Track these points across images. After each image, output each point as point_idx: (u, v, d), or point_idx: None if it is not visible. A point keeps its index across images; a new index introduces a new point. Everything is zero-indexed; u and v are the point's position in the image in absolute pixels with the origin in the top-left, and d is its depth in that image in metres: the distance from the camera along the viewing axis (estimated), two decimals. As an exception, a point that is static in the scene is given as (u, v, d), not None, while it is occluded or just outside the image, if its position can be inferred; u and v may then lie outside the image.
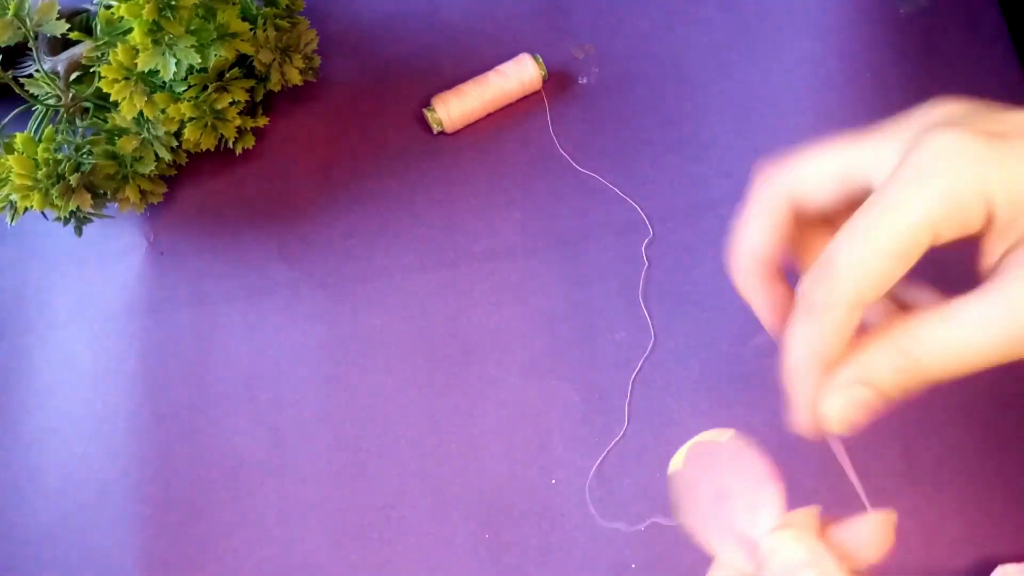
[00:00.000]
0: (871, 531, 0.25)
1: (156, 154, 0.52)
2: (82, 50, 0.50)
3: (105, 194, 0.52)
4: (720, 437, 0.27)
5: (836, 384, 0.25)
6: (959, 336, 0.23)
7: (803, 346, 0.25)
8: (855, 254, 0.23)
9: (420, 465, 0.51)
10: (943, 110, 0.25)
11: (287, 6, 0.55)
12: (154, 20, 0.45)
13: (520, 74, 0.56)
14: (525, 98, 0.58)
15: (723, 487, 0.26)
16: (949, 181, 0.22)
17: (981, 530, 0.45)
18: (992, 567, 0.44)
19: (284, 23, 0.54)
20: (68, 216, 0.51)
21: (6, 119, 0.51)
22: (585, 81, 0.58)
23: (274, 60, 0.54)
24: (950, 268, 0.26)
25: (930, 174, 0.23)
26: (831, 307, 0.24)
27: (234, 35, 0.49)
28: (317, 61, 0.58)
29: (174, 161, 0.56)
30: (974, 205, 0.23)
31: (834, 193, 0.27)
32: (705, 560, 0.28)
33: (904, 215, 0.23)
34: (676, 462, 0.27)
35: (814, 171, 0.27)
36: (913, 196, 0.23)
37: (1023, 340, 0.23)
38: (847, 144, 0.26)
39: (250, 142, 0.57)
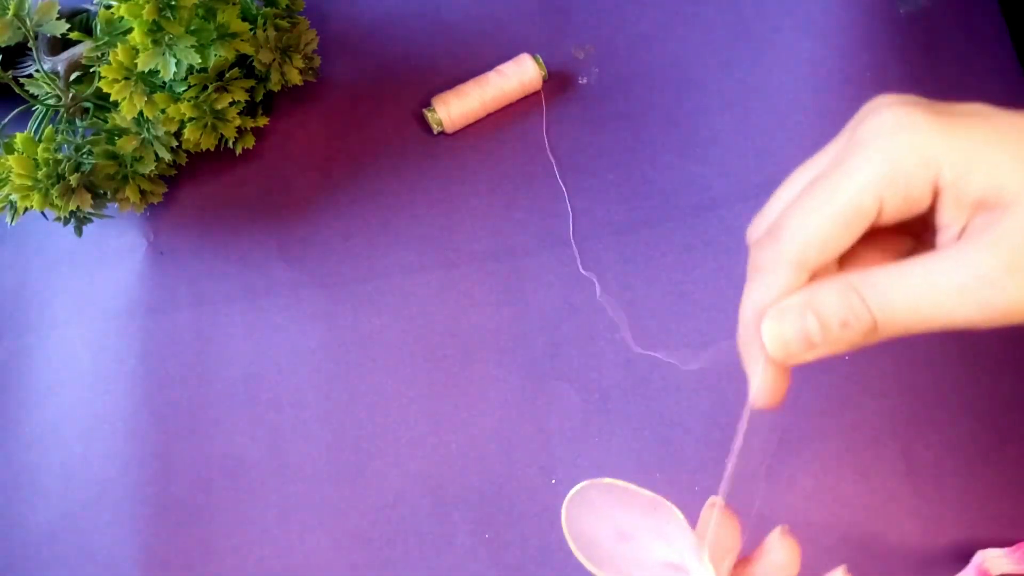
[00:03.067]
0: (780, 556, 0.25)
1: (156, 154, 0.52)
2: (82, 50, 0.50)
3: (105, 194, 0.52)
4: (583, 488, 0.27)
5: (781, 307, 0.24)
6: (914, 290, 0.23)
7: (750, 308, 0.25)
8: (799, 217, 0.24)
9: (420, 465, 0.51)
10: (890, 99, 0.25)
11: (287, 6, 0.55)
12: (154, 20, 0.45)
13: (520, 74, 0.56)
14: (525, 98, 0.58)
15: (619, 527, 0.26)
16: (891, 146, 0.23)
17: (970, 520, 0.45)
18: (972, 552, 0.44)
19: (284, 23, 0.54)
20: (68, 216, 0.51)
21: (6, 119, 0.51)
22: (585, 81, 0.58)
23: (274, 60, 0.54)
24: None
25: (872, 141, 0.23)
26: (776, 267, 0.24)
27: (234, 35, 0.49)
28: (317, 61, 0.58)
29: (174, 161, 0.56)
30: (918, 171, 0.23)
31: None
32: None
33: (846, 180, 0.23)
34: (566, 529, 0.26)
35: (783, 197, 0.27)
36: (855, 162, 0.23)
37: (979, 306, 0.22)
38: (809, 162, 0.27)
39: (250, 142, 0.57)
